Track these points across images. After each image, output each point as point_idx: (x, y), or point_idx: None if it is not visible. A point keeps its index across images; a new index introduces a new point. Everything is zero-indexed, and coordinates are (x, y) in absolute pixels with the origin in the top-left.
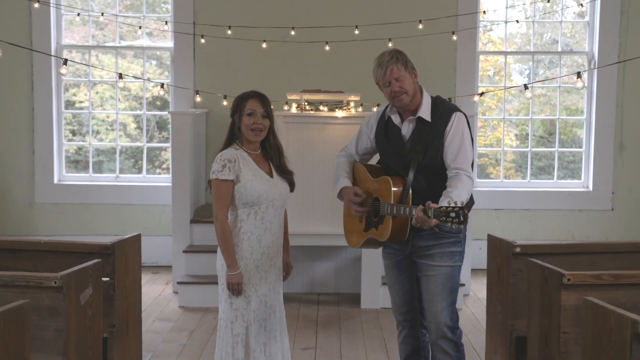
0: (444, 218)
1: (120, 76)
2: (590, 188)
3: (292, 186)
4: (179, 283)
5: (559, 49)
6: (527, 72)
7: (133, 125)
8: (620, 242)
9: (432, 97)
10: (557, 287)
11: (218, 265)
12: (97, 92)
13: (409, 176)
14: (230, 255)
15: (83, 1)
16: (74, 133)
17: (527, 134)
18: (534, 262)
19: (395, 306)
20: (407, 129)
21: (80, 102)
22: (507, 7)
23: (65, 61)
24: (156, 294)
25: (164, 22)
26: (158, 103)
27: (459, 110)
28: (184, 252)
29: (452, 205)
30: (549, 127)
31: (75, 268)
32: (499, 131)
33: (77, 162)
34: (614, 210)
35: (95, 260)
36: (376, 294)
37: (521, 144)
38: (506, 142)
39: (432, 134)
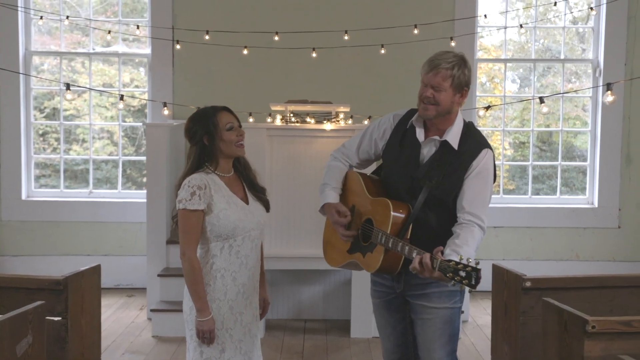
0: (451, 275)
1: (68, 87)
2: (596, 204)
3: (267, 207)
4: (152, 310)
5: (562, 56)
6: (519, 80)
7: (121, 133)
8: None
9: (465, 122)
10: (580, 335)
11: (186, 308)
12: (85, 100)
13: (415, 205)
14: (200, 297)
15: (69, 8)
16: (58, 141)
17: (521, 142)
18: (551, 304)
19: (386, 352)
20: (427, 150)
21: (65, 110)
22: (505, 12)
23: None
24: (129, 321)
25: (143, 27)
26: (146, 111)
27: (490, 147)
28: (159, 275)
29: (464, 262)
30: (543, 135)
31: (11, 314)
32: (493, 140)
33: (66, 171)
34: (621, 228)
35: (37, 303)
36: (367, 321)
37: (515, 152)
38: (501, 151)
39: (455, 165)
